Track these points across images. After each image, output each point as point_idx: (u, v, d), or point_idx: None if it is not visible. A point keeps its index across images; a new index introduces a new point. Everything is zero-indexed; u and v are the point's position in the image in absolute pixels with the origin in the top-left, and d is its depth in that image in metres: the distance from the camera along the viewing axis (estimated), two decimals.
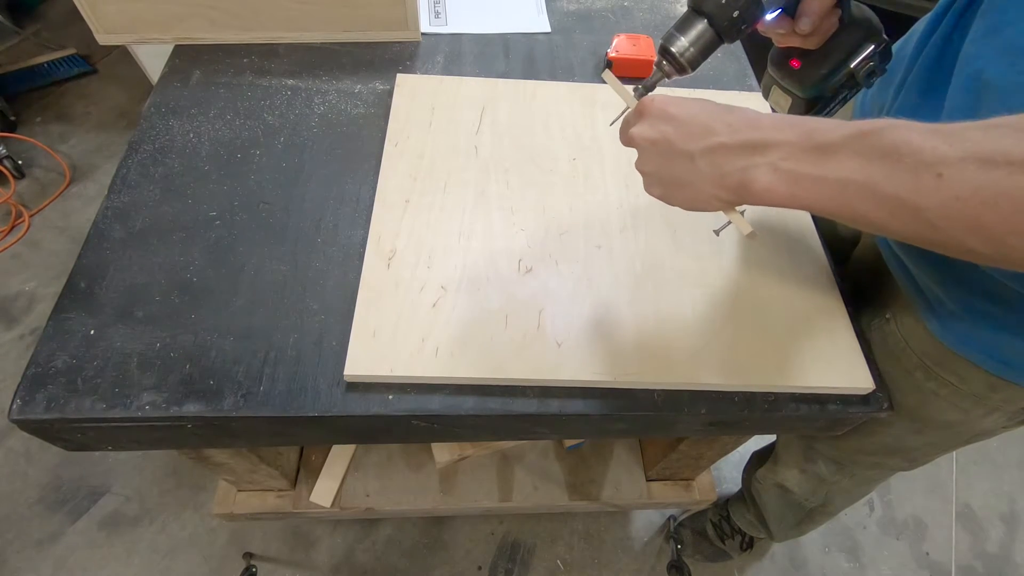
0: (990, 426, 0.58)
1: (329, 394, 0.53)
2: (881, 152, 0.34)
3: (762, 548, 1.25)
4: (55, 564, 1.14)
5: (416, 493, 1.00)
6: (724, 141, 0.40)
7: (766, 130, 0.39)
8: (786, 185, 0.38)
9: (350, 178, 0.67)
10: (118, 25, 0.78)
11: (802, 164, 0.37)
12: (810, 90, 0.54)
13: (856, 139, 0.35)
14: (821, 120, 0.38)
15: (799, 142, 0.38)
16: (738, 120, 0.40)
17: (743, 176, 0.39)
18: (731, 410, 0.56)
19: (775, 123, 0.39)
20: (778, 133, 0.38)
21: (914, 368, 0.57)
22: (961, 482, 1.38)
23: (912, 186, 0.33)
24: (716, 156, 0.40)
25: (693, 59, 0.47)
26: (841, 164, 0.36)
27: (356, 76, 0.79)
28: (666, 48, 0.48)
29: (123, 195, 0.64)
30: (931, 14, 0.52)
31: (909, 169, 0.33)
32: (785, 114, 0.41)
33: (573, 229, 0.64)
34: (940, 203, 0.32)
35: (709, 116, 0.41)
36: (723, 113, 0.41)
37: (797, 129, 0.38)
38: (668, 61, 0.48)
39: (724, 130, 0.40)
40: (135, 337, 0.54)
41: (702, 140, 0.40)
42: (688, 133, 0.41)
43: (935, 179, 0.32)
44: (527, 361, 0.54)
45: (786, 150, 0.38)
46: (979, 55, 0.43)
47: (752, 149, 0.39)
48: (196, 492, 1.23)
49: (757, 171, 0.39)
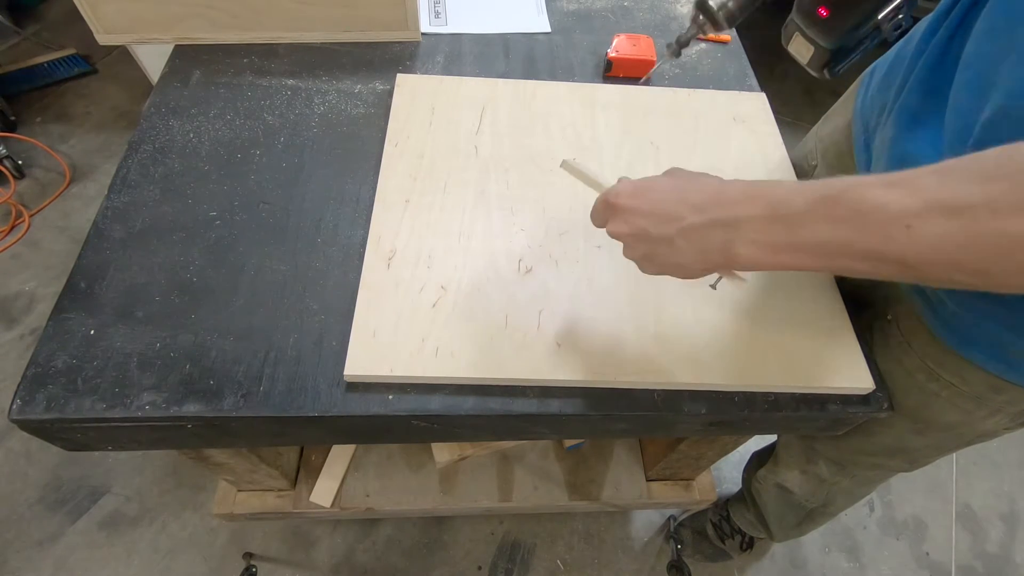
0: (992, 427, 0.58)
1: (329, 394, 0.53)
2: (846, 215, 0.35)
3: (762, 548, 1.25)
4: (55, 564, 1.14)
5: (416, 493, 1.00)
6: (695, 222, 0.41)
7: (730, 206, 0.40)
8: (768, 255, 0.39)
9: (350, 178, 0.67)
10: (118, 25, 0.78)
11: (775, 235, 0.38)
12: (836, 40, 0.53)
13: (819, 206, 0.36)
14: (781, 186, 0.39)
15: (766, 215, 0.39)
16: (702, 199, 0.41)
17: (725, 251, 0.41)
18: (731, 410, 0.56)
19: (737, 197, 0.40)
20: (743, 208, 0.39)
21: (916, 369, 0.57)
22: (961, 482, 1.38)
23: (885, 241, 0.34)
24: (692, 236, 0.41)
25: (731, 14, 0.46)
26: (811, 231, 0.37)
27: (356, 76, 0.79)
28: (704, 2, 0.46)
29: (123, 195, 0.64)
30: (933, 14, 0.52)
31: (878, 225, 0.34)
32: (744, 181, 0.42)
33: (573, 229, 0.64)
34: (916, 252, 0.34)
35: (674, 200, 0.42)
36: (687, 192, 0.42)
37: (760, 201, 0.39)
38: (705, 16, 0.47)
39: (691, 213, 0.41)
40: (135, 337, 0.54)
41: (673, 224, 0.42)
42: (660, 220, 0.43)
43: (905, 231, 0.33)
44: (527, 361, 0.54)
45: (756, 224, 0.39)
46: (985, 55, 0.43)
47: (724, 226, 0.40)
48: (196, 492, 1.23)
49: (737, 246, 0.40)
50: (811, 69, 0.56)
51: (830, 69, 0.55)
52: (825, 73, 0.55)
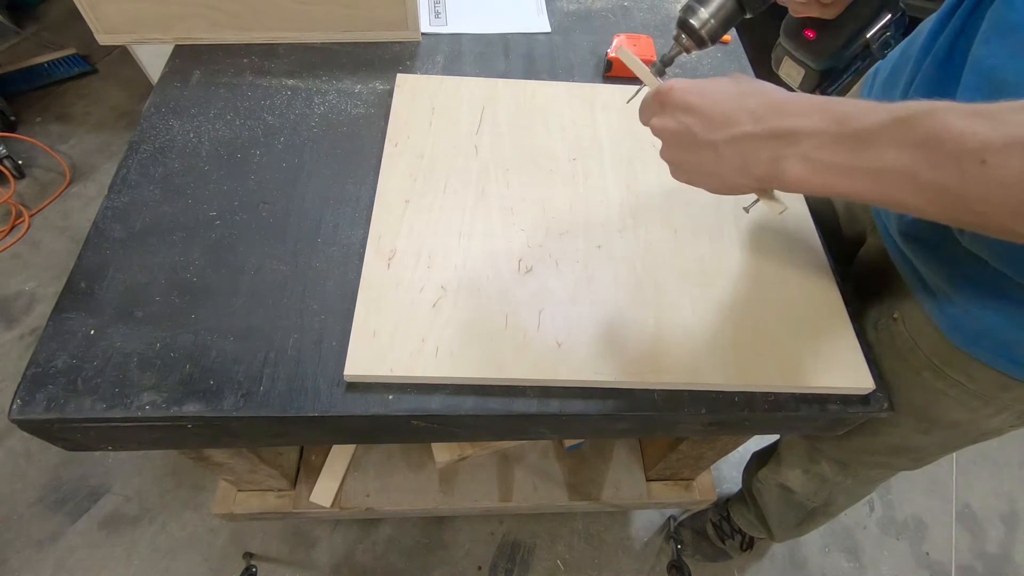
0: (998, 425, 0.58)
1: (329, 394, 0.53)
2: (921, 140, 0.33)
3: (762, 548, 1.25)
4: (55, 564, 1.14)
5: (416, 493, 1.00)
6: (748, 131, 0.38)
7: (793, 117, 0.37)
8: (820, 175, 0.37)
9: (350, 178, 0.67)
10: (118, 25, 0.78)
11: (836, 154, 0.36)
12: (825, 61, 0.52)
13: (893, 127, 0.34)
14: (850, 103, 0.36)
15: (830, 130, 0.36)
16: (762, 106, 0.39)
17: (773, 167, 0.38)
18: (731, 410, 0.56)
19: (802, 108, 0.37)
20: (806, 121, 0.37)
21: (922, 368, 0.56)
22: (961, 482, 1.38)
23: (954, 174, 0.32)
24: (741, 146, 0.39)
25: (714, 32, 0.46)
26: (878, 153, 0.34)
27: (356, 76, 0.78)
28: (685, 21, 0.46)
29: (123, 195, 0.64)
30: (938, 14, 0.52)
31: (951, 157, 0.32)
32: (809, 95, 0.39)
33: (573, 229, 0.64)
34: (984, 190, 0.31)
35: (731, 104, 0.40)
36: (745, 98, 0.40)
37: (827, 115, 0.36)
38: (687, 35, 0.47)
39: (747, 119, 0.39)
40: (135, 337, 0.54)
41: (725, 130, 0.39)
42: (710, 123, 0.40)
43: (979, 166, 0.31)
44: (527, 361, 0.54)
45: (817, 140, 0.36)
46: (992, 54, 0.42)
47: (780, 138, 0.38)
48: (196, 492, 1.23)
49: (787, 162, 0.37)
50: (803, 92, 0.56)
51: (823, 91, 0.54)
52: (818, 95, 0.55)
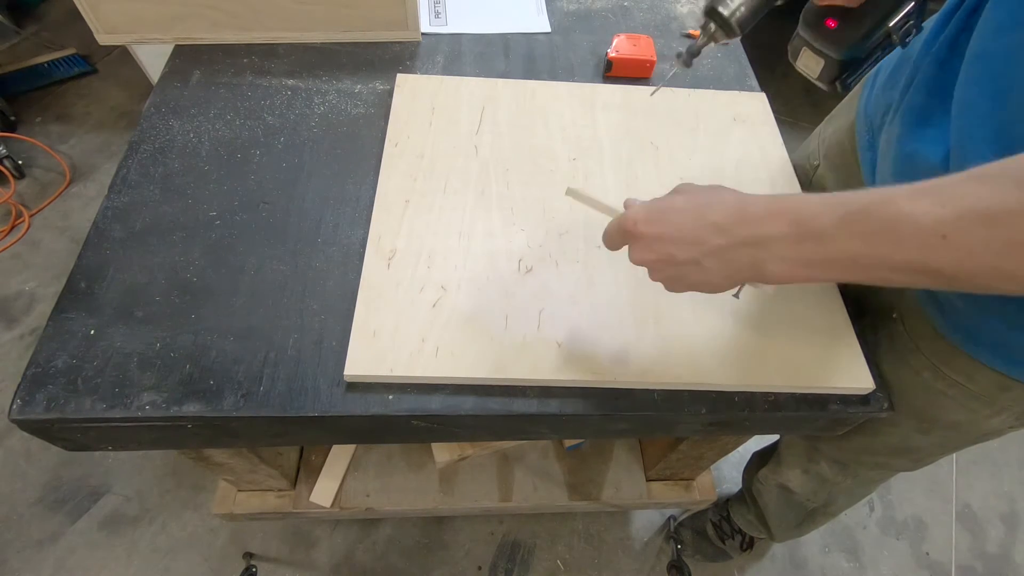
0: (998, 426, 0.58)
1: (329, 394, 0.53)
2: (877, 229, 0.35)
3: (762, 548, 1.25)
4: (55, 564, 1.14)
5: (416, 493, 1.00)
6: (720, 244, 0.41)
7: (755, 224, 0.39)
8: (800, 270, 0.39)
9: (350, 178, 0.67)
10: (118, 25, 0.78)
11: (805, 252, 0.38)
12: (847, 52, 0.51)
13: (848, 221, 0.36)
14: (802, 200, 0.38)
15: (793, 233, 0.38)
16: (724, 219, 0.41)
17: (755, 268, 0.40)
18: (731, 410, 0.56)
19: (759, 214, 0.39)
20: (768, 227, 0.39)
21: (922, 368, 0.56)
22: (961, 482, 1.38)
23: (921, 252, 0.33)
24: (720, 256, 0.41)
25: (743, 20, 0.45)
26: (843, 246, 0.36)
27: (356, 76, 0.78)
28: (714, 9, 0.45)
29: (123, 195, 0.64)
30: (939, 14, 0.52)
31: (912, 238, 0.34)
32: (761, 196, 0.41)
33: (573, 229, 0.64)
34: (954, 260, 0.33)
35: (694, 223, 0.41)
36: (704, 212, 0.41)
37: (784, 219, 0.38)
38: (716, 24, 0.46)
39: (714, 234, 0.41)
40: (135, 337, 0.54)
41: (700, 247, 0.41)
42: (683, 244, 0.42)
43: (941, 241, 0.32)
44: (527, 361, 0.54)
45: (784, 243, 0.38)
46: (992, 55, 0.42)
47: (751, 245, 0.40)
48: (196, 492, 1.23)
49: (767, 264, 0.39)
50: (822, 83, 0.55)
51: (842, 82, 0.53)
52: (837, 86, 0.53)
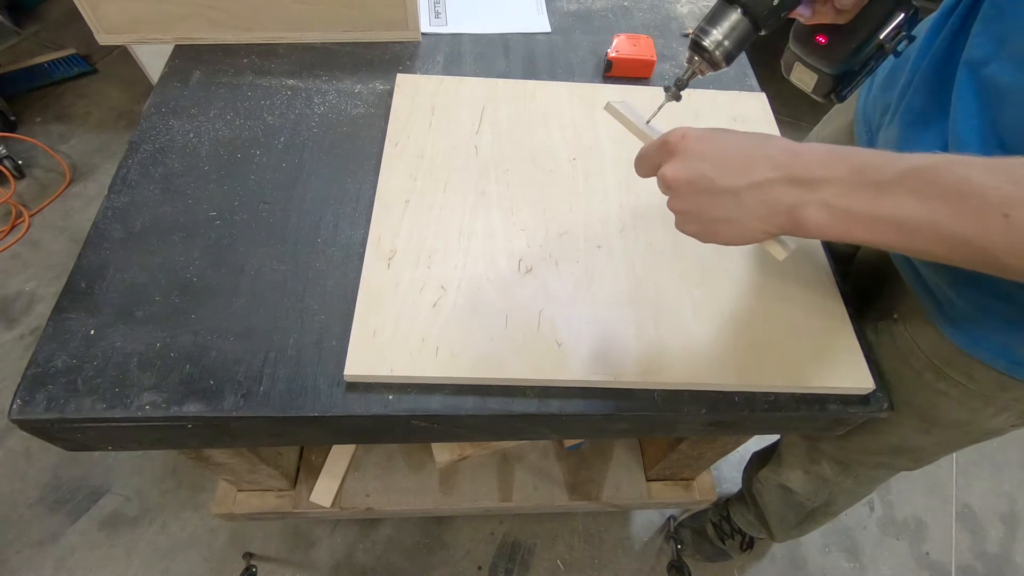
0: (999, 425, 0.58)
1: (329, 394, 0.53)
2: (941, 190, 0.33)
3: (762, 548, 1.25)
4: (55, 564, 1.14)
5: (416, 493, 1.00)
6: (770, 176, 0.38)
7: (811, 165, 0.37)
8: (840, 223, 0.37)
9: (350, 178, 0.67)
10: (118, 25, 0.78)
11: (856, 202, 0.36)
12: (839, 66, 0.51)
13: (912, 176, 0.34)
14: (866, 152, 0.37)
15: (850, 179, 0.36)
16: (779, 153, 0.38)
17: (794, 213, 0.38)
18: (731, 410, 0.56)
19: (820, 156, 0.37)
20: (825, 169, 0.37)
21: (923, 368, 0.56)
22: (961, 482, 1.38)
23: (977, 227, 0.32)
24: (763, 192, 0.38)
25: (728, 53, 0.45)
26: (898, 202, 0.34)
27: (356, 76, 0.78)
28: (698, 43, 0.45)
29: (123, 195, 0.64)
30: (936, 14, 0.52)
31: (973, 209, 0.32)
32: (824, 144, 0.39)
33: (573, 229, 0.64)
34: (1008, 243, 0.32)
35: (747, 149, 0.39)
36: (760, 145, 0.39)
37: (845, 164, 0.36)
38: (701, 57, 0.46)
39: (766, 164, 0.38)
40: (135, 337, 0.54)
41: (746, 175, 0.38)
42: (729, 169, 0.39)
43: (1002, 220, 0.31)
44: (527, 361, 0.54)
45: (837, 187, 0.36)
46: (988, 59, 0.42)
47: (800, 184, 0.37)
48: (196, 492, 1.23)
49: (808, 209, 0.37)
50: (817, 96, 0.54)
51: (837, 94, 0.53)
52: (832, 98, 0.53)
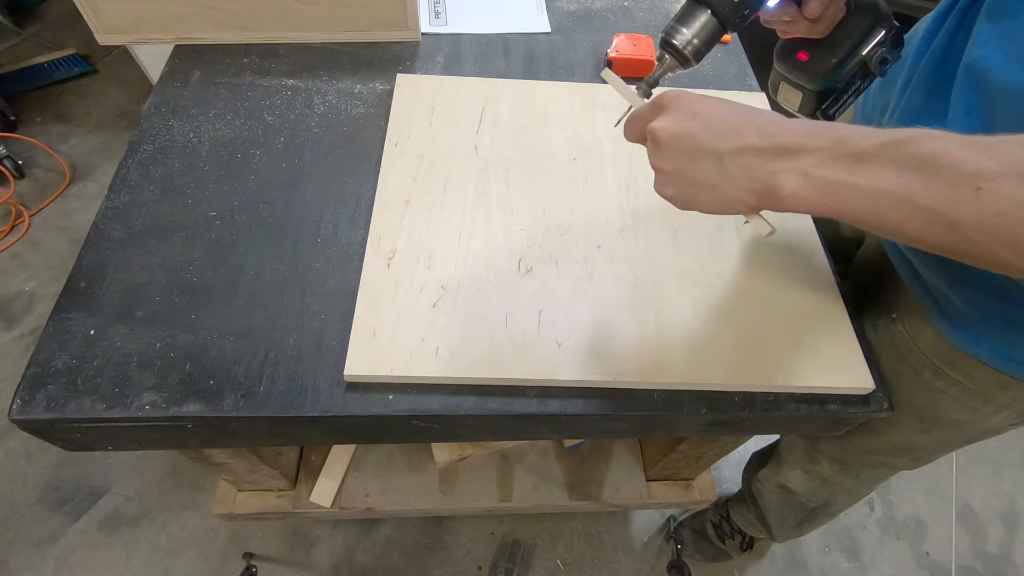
0: (998, 424, 0.58)
1: (329, 394, 0.53)
2: (918, 162, 0.33)
3: (762, 548, 1.25)
4: (55, 564, 1.14)
5: (416, 493, 1.00)
6: (754, 143, 0.38)
7: (797, 135, 0.38)
8: (816, 192, 0.37)
9: (350, 178, 0.67)
10: (118, 25, 0.78)
11: (835, 171, 0.36)
12: (821, 82, 0.52)
13: (891, 147, 0.34)
14: (853, 127, 0.37)
15: (831, 148, 0.36)
16: (767, 123, 0.39)
17: (772, 180, 0.38)
18: (731, 410, 0.56)
19: (807, 128, 0.38)
20: (809, 139, 0.37)
21: (923, 368, 0.56)
22: (961, 482, 1.38)
23: (950, 198, 0.32)
24: (745, 158, 0.39)
25: (697, 51, 0.46)
26: (875, 173, 0.35)
27: (356, 76, 0.79)
28: (668, 41, 0.46)
29: (123, 195, 0.64)
30: (934, 13, 0.52)
31: (947, 181, 0.32)
32: (813, 120, 0.40)
33: (573, 229, 0.64)
34: (979, 217, 0.32)
35: (737, 116, 0.40)
36: (751, 115, 0.40)
37: (829, 135, 0.37)
38: (671, 55, 0.47)
39: (754, 132, 0.39)
40: (135, 337, 0.54)
41: (732, 140, 0.39)
42: (716, 131, 0.39)
43: (974, 192, 0.32)
44: (527, 361, 0.54)
45: (818, 156, 0.37)
46: (987, 57, 0.42)
47: (783, 153, 0.38)
48: (196, 492, 1.23)
49: (786, 176, 0.38)
50: (803, 115, 0.55)
51: (823, 112, 0.54)
52: (819, 116, 0.54)
